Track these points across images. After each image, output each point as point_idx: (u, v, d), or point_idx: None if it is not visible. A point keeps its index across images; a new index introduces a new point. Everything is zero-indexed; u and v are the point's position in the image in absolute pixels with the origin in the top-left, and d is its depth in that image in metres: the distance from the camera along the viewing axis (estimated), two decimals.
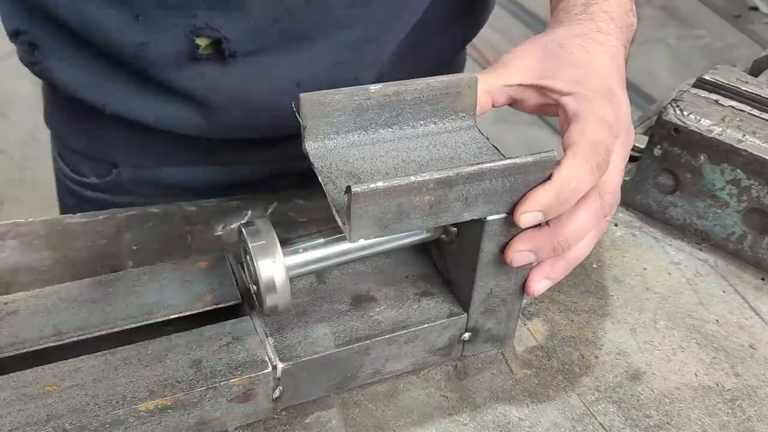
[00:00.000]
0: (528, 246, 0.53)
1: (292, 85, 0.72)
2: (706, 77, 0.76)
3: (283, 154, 0.78)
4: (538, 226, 0.53)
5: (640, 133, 0.83)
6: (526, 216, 0.51)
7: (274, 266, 0.51)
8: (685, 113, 0.72)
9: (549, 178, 0.51)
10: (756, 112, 0.72)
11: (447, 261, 0.60)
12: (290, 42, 0.71)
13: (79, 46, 0.70)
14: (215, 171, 0.83)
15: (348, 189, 0.46)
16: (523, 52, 0.61)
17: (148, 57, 0.68)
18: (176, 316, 0.55)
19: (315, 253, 0.55)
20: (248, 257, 0.53)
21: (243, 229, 0.53)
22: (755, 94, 0.74)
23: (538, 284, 0.57)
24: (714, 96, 0.74)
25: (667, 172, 0.75)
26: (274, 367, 0.52)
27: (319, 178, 0.52)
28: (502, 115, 1.19)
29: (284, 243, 0.53)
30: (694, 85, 0.76)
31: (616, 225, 0.77)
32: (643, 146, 0.76)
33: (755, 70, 0.89)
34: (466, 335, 0.59)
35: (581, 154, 0.52)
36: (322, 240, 0.55)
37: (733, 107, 0.73)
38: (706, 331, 0.66)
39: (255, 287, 0.53)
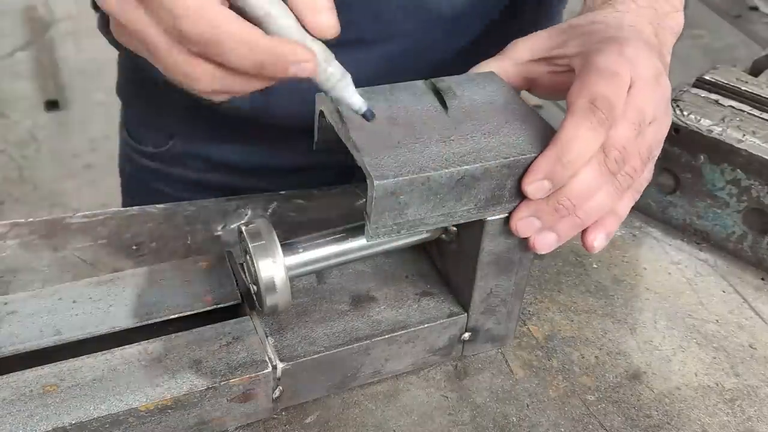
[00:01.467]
0: (528, 212, 0.52)
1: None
2: (706, 77, 0.76)
3: None
4: None
5: None
6: (532, 186, 0.50)
7: (274, 266, 0.51)
8: (685, 113, 0.72)
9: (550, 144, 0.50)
10: (756, 112, 0.73)
11: (447, 261, 0.60)
12: (349, 43, 0.73)
13: None
14: (263, 154, 0.85)
15: (371, 181, 0.46)
16: (533, 35, 0.60)
17: None
18: (176, 316, 0.55)
19: (315, 253, 0.55)
20: (248, 257, 0.53)
21: (243, 229, 0.53)
22: (755, 94, 0.74)
23: (542, 235, 0.53)
24: (714, 96, 0.74)
25: (667, 172, 0.75)
26: (274, 367, 0.52)
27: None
28: None
29: (284, 243, 0.53)
30: (694, 85, 0.76)
31: None
32: None
33: (755, 70, 0.89)
34: (466, 335, 0.59)
35: (578, 111, 0.50)
36: (322, 240, 0.55)
37: (733, 107, 0.73)
38: (706, 331, 0.66)
39: (255, 287, 0.53)
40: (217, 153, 0.85)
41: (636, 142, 0.52)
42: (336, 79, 0.48)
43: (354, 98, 0.49)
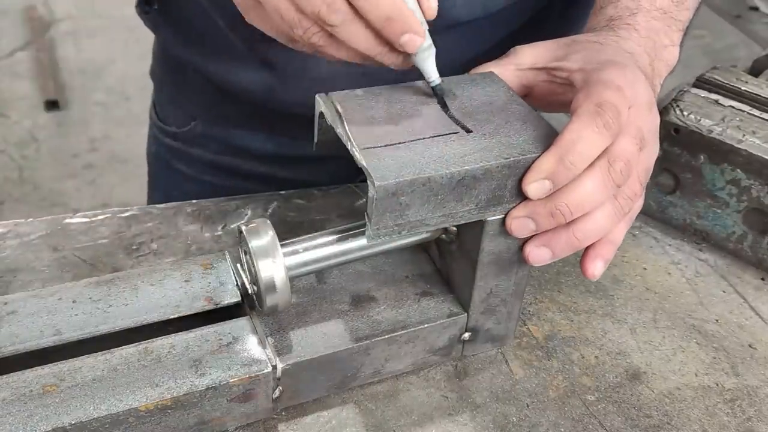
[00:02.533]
0: (524, 212, 0.51)
1: (355, 68, 0.73)
2: (706, 77, 0.76)
3: None
4: None
5: None
6: (533, 186, 0.50)
7: (274, 266, 0.51)
8: (685, 113, 0.72)
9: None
10: (756, 112, 0.72)
11: (447, 261, 0.60)
12: None
13: (190, 12, 0.79)
14: (281, 142, 0.87)
15: (372, 183, 0.46)
16: (535, 44, 0.61)
17: (245, 31, 0.70)
18: (176, 316, 0.55)
19: (315, 253, 0.55)
20: (248, 257, 0.53)
21: (243, 229, 0.53)
22: (755, 94, 0.74)
23: (537, 249, 0.53)
24: (714, 96, 0.74)
25: (667, 172, 0.75)
26: (274, 367, 0.52)
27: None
28: None
29: (284, 243, 0.53)
30: (694, 85, 0.76)
31: None
32: None
33: (755, 70, 0.89)
34: (466, 335, 0.59)
35: (585, 114, 0.50)
36: (322, 240, 0.55)
37: (733, 107, 0.73)
38: (706, 331, 0.66)
39: (255, 287, 0.53)
40: (235, 137, 0.88)
41: (638, 158, 0.53)
42: (422, 48, 0.52)
43: (432, 70, 0.54)
